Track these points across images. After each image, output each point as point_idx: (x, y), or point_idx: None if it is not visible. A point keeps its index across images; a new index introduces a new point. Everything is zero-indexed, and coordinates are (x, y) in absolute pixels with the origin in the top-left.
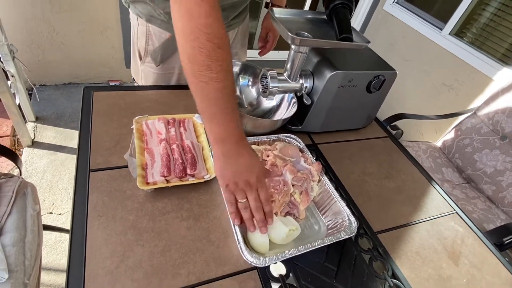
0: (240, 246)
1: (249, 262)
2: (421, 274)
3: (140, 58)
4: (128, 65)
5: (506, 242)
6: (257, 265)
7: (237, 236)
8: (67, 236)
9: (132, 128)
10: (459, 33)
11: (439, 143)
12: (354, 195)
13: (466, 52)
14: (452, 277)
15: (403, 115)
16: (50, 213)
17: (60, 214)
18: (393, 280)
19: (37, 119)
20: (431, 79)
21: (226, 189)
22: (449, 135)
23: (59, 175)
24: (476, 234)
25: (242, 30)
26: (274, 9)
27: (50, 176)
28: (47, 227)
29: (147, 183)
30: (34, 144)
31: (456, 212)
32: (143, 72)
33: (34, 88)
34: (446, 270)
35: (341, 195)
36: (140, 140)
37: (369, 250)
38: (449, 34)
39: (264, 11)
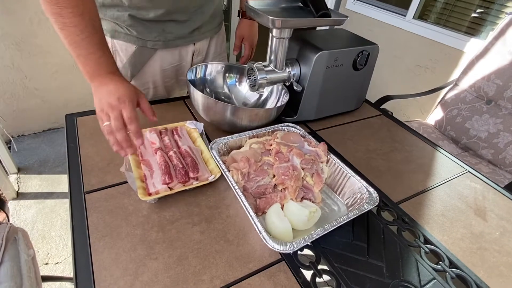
0: (263, 236)
1: (276, 250)
2: (453, 234)
3: None
4: None
5: None
6: (284, 252)
7: (257, 226)
8: (68, 286)
9: None
10: (422, 15)
11: (428, 121)
12: (365, 172)
13: (433, 31)
14: (484, 232)
15: (390, 97)
16: (46, 263)
17: (57, 263)
18: (428, 245)
19: (20, 170)
20: (405, 64)
21: (98, 118)
22: (437, 110)
23: (50, 223)
24: (494, 188)
25: (218, 42)
26: (250, 1)
27: (41, 225)
28: (45, 278)
29: (149, 194)
30: (19, 195)
31: (469, 171)
32: None
33: (12, 140)
34: (477, 226)
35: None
36: (134, 154)
37: (394, 221)
38: (413, 18)
39: (237, 20)
